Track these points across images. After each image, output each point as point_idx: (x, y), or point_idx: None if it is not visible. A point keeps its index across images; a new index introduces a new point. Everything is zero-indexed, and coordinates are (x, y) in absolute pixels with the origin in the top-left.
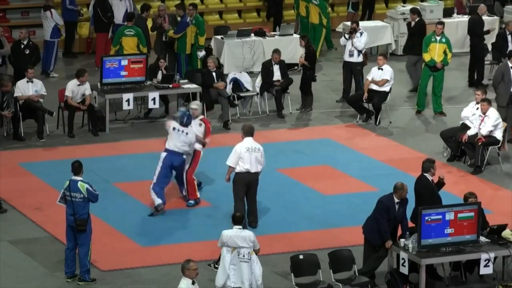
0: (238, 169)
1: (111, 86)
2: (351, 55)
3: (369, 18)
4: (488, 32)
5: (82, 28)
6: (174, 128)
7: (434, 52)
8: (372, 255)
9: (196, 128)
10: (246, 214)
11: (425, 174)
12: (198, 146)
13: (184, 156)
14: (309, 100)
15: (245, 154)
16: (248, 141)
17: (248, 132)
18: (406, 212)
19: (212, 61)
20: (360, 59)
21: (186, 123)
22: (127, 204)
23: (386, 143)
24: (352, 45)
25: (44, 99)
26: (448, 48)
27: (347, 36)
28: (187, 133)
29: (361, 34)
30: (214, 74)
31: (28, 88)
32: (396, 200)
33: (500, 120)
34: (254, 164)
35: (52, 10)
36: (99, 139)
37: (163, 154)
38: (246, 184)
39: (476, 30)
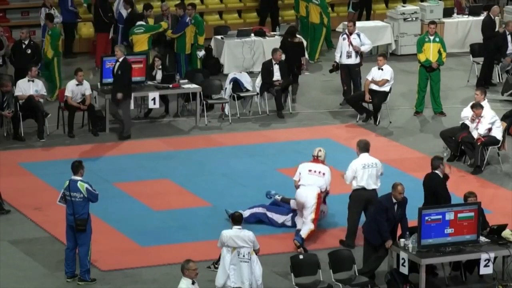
0: (354, 186)
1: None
2: (349, 56)
3: (367, 18)
4: (497, 33)
5: (82, 29)
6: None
7: (429, 52)
8: (372, 255)
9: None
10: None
11: (436, 172)
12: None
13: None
14: (295, 88)
15: (360, 171)
16: (364, 157)
17: (364, 148)
18: (406, 212)
19: None
20: (357, 60)
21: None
22: (127, 204)
23: (386, 143)
24: (351, 46)
25: (44, 99)
26: (442, 47)
27: (345, 37)
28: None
29: (358, 35)
30: None
31: (28, 87)
32: (394, 200)
33: (497, 118)
34: (369, 181)
35: (42, 9)
36: (99, 139)
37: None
38: (363, 201)
39: (485, 32)
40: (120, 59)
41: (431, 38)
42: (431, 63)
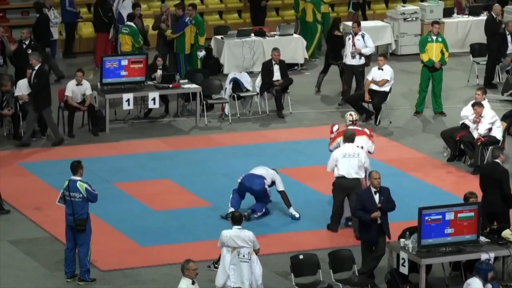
0: (336, 174)
1: (111, 86)
2: (353, 57)
3: (364, 19)
4: (502, 32)
5: (82, 29)
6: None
7: (432, 52)
8: (368, 255)
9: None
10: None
11: (496, 161)
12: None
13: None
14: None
15: (341, 160)
16: (347, 147)
17: (349, 138)
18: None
19: None
20: (362, 61)
21: None
22: (127, 204)
23: (386, 143)
24: (354, 47)
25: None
26: (444, 47)
27: (350, 37)
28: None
29: (363, 36)
30: None
31: (28, 88)
32: (374, 189)
33: (497, 118)
34: (350, 170)
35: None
36: (99, 139)
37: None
38: (344, 190)
39: (489, 31)
40: (36, 67)
41: (434, 38)
42: (434, 63)
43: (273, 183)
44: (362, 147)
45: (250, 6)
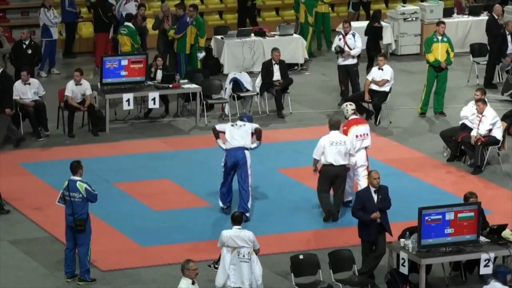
0: (322, 161)
1: (111, 86)
2: (342, 56)
3: (367, 18)
4: (502, 32)
5: (82, 29)
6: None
7: (438, 52)
8: (369, 255)
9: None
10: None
11: None
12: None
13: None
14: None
15: (328, 147)
16: (333, 134)
17: (334, 125)
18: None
19: None
20: (355, 60)
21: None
22: (127, 204)
23: (386, 143)
24: (347, 47)
25: (44, 99)
26: (450, 47)
27: (340, 37)
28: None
29: (353, 35)
30: None
31: (26, 90)
32: (373, 189)
33: (498, 118)
34: (337, 158)
35: (41, 9)
36: (99, 139)
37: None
38: (331, 177)
39: (491, 31)
40: None
41: (439, 38)
42: (440, 63)
43: (252, 134)
44: (367, 134)
45: (238, 6)
